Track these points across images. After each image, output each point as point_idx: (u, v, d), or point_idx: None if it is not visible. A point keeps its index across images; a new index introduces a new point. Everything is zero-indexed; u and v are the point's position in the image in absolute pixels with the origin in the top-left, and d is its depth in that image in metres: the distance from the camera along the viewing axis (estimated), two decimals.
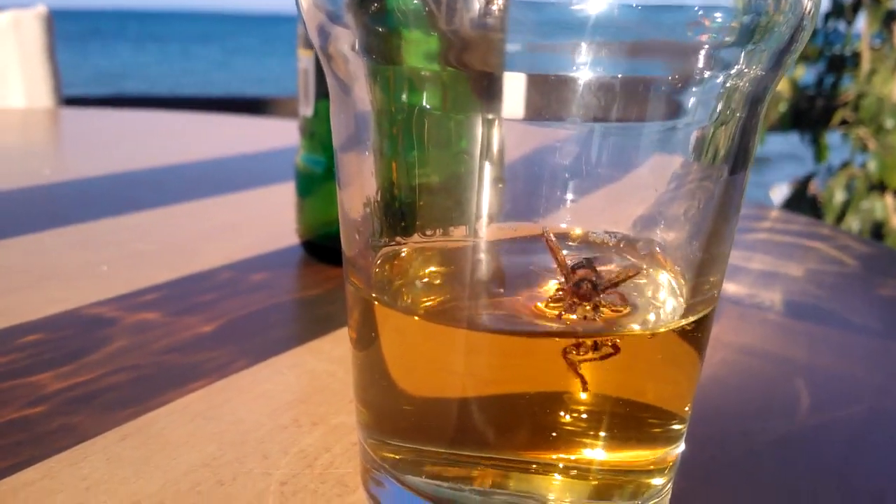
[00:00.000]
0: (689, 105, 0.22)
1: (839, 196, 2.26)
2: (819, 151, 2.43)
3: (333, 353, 0.36)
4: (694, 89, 0.21)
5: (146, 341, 0.36)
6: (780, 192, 2.84)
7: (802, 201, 2.45)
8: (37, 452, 0.28)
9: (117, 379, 0.33)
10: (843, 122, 2.35)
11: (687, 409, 0.24)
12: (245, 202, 0.62)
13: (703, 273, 0.23)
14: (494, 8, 0.19)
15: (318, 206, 0.47)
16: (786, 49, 0.21)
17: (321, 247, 0.48)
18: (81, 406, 0.31)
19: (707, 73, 0.21)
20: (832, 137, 2.49)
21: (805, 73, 2.46)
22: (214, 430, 0.29)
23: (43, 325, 0.38)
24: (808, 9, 0.20)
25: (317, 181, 0.47)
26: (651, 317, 0.24)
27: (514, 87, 0.21)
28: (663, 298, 0.24)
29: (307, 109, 0.46)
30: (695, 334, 0.23)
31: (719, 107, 0.21)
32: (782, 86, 2.41)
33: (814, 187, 2.43)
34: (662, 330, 0.23)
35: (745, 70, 0.21)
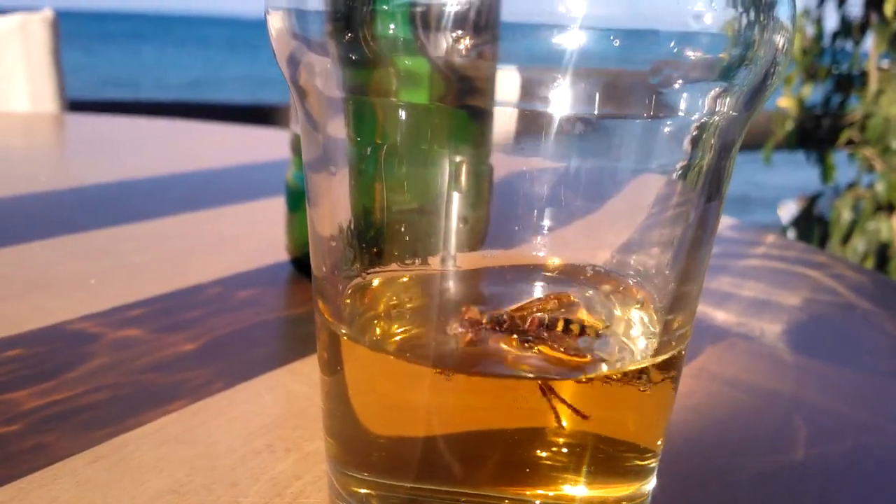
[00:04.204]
0: (665, 142, 0.21)
1: (846, 216, 2.25)
2: (825, 171, 2.43)
3: (313, 375, 0.35)
4: (669, 127, 0.21)
5: (127, 359, 0.36)
6: (787, 210, 2.83)
7: (810, 220, 2.44)
8: (7, 472, 0.27)
9: (95, 398, 0.33)
10: (850, 142, 2.34)
11: (659, 443, 0.24)
12: (241, 214, 0.62)
13: (674, 310, 0.23)
14: (464, 46, 0.19)
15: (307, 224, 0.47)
16: (760, 87, 0.21)
17: (309, 264, 0.47)
18: (56, 425, 0.30)
19: (683, 112, 0.20)
20: (838, 157, 2.48)
21: (812, 93, 2.46)
22: (186, 454, 0.29)
23: (25, 339, 0.38)
24: (781, 45, 0.20)
25: None
26: (624, 356, 0.23)
27: (492, 120, 0.21)
28: (636, 336, 0.24)
29: (298, 126, 0.46)
30: (667, 372, 0.23)
31: (693, 145, 0.21)
32: (789, 104, 2.40)
33: (819, 207, 2.43)
34: (635, 368, 0.23)
35: (720, 109, 0.21)
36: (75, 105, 1.39)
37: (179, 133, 1.01)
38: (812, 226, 2.38)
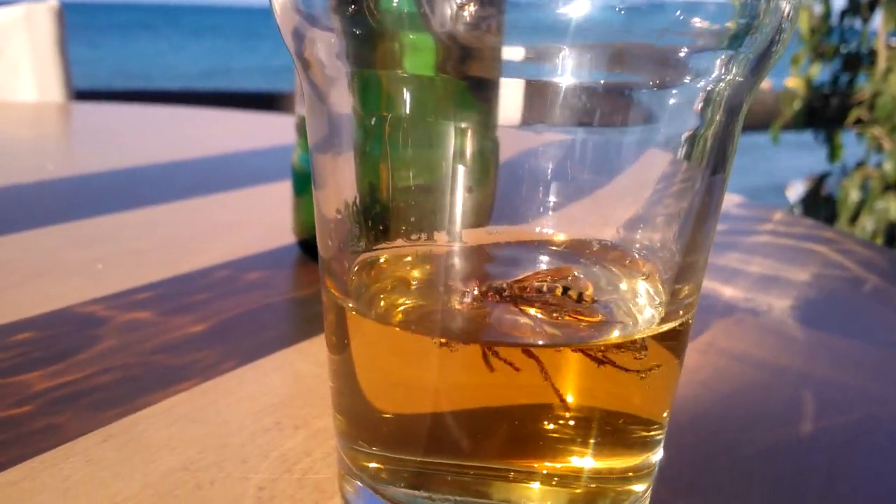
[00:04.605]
0: (671, 110, 0.21)
1: (854, 196, 2.24)
2: (833, 150, 2.41)
3: (321, 355, 0.36)
4: (675, 95, 0.21)
5: (136, 341, 0.36)
6: (795, 191, 2.82)
7: (817, 200, 2.43)
8: (19, 452, 0.28)
9: (105, 379, 0.33)
10: (858, 121, 2.32)
11: (665, 415, 0.24)
12: (247, 199, 0.62)
13: (681, 280, 0.23)
14: (468, 13, 0.19)
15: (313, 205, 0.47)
16: (765, 53, 0.20)
17: (316, 246, 0.47)
18: (67, 406, 0.31)
19: (689, 79, 0.20)
20: (846, 136, 2.47)
21: (820, 72, 2.44)
22: (197, 432, 0.29)
23: (35, 323, 0.38)
24: (786, 12, 0.20)
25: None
26: (629, 324, 0.23)
27: (497, 93, 0.21)
28: (642, 305, 0.24)
29: (304, 108, 0.46)
30: (673, 341, 0.23)
31: (700, 113, 0.21)
32: (797, 84, 2.39)
33: (827, 187, 2.42)
34: (641, 337, 0.23)
35: (726, 76, 0.20)
36: (83, 95, 1.39)
37: (185, 120, 1.01)
38: (819, 205, 2.37)
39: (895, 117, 2.12)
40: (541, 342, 0.22)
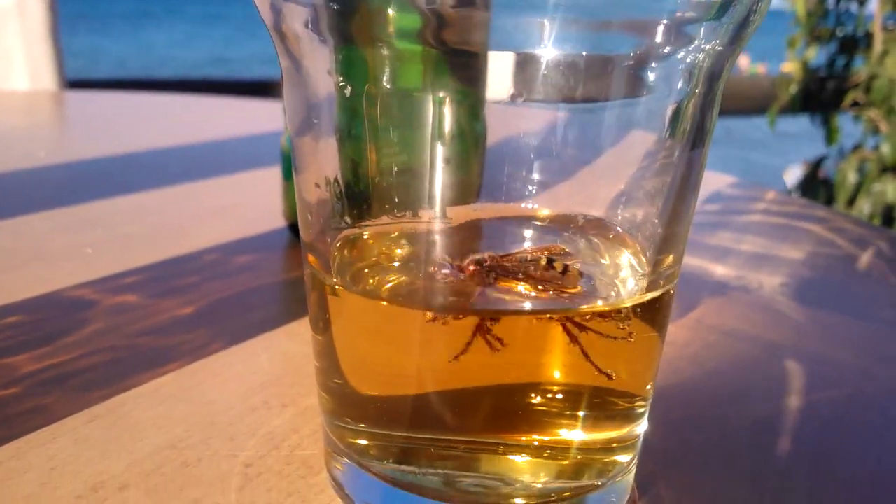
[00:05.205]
0: (651, 82, 0.21)
1: (851, 178, 2.24)
2: (830, 133, 2.41)
3: (309, 335, 0.35)
4: (655, 66, 0.21)
5: (124, 323, 0.36)
6: (792, 175, 2.82)
7: (815, 184, 2.43)
8: (6, 433, 0.28)
9: (92, 361, 0.33)
10: (855, 104, 2.32)
11: (648, 387, 0.24)
12: (239, 184, 0.62)
13: (663, 251, 0.23)
14: None
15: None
16: (744, 23, 0.20)
17: None
18: (54, 388, 0.31)
19: (669, 49, 0.20)
20: (843, 119, 2.47)
21: (816, 55, 2.44)
22: (184, 412, 0.29)
23: (23, 306, 0.38)
24: None
25: None
26: (612, 294, 0.23)
27: (480, 66, 0.21)
28: (624, 276, 0.24)
29: None
30: (655, 312, 0.23)
31: (679, 84, 0.21)
32: (793, 67, 2.39)
33: (824, 171, 2.42)
34: (623, 307, 0.23)
35: (706, 45, 0.20)
36: (79, 86, 1.38)
37: (178, 108, 1.01)
38: (817, 188, 2.37)
39: (891, 100, 2.11)
40: (525, 313, 0.22)
